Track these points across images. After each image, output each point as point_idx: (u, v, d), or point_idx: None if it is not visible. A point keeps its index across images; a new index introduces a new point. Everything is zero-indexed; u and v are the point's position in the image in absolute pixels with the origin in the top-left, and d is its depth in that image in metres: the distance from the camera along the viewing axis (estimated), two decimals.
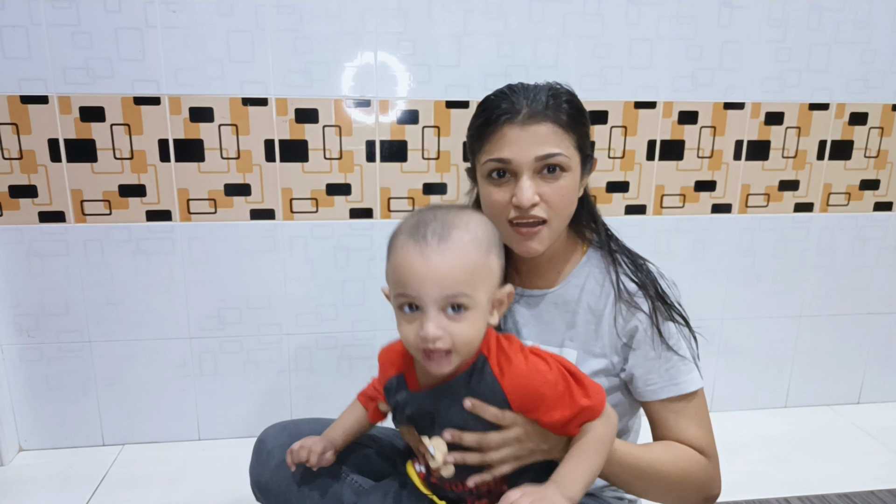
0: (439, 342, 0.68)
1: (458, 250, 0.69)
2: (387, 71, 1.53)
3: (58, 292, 1.56)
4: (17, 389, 1.60)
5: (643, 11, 1.56)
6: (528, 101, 0.83)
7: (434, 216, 0.71)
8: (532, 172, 0.83)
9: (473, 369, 0.74)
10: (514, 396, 0.73)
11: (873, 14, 1.64)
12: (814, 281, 1.82)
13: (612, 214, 1.69)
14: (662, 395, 0.87)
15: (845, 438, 1.75)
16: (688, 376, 0.88)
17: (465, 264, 0.69)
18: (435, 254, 0.68)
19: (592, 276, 0.92)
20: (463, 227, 0.71)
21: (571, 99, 0.86)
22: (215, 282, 1.60)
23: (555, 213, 0.85)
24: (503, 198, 0.85)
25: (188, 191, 1.54)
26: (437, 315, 0.68)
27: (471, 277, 0.69)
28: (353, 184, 1.59)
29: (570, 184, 0.85)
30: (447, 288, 0.68)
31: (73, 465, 1.58)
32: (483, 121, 0.86)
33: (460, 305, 0.69)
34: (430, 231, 0.69)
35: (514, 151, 0.83)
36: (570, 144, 0.84)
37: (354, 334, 1.69)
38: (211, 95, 1.49)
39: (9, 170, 1.47)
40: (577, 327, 0.91)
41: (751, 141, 1.69)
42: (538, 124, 0.82)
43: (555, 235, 0.87)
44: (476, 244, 0.71)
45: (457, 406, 0.74)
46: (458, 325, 0.69)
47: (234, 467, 1.53)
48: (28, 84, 1.43)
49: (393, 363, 0.83)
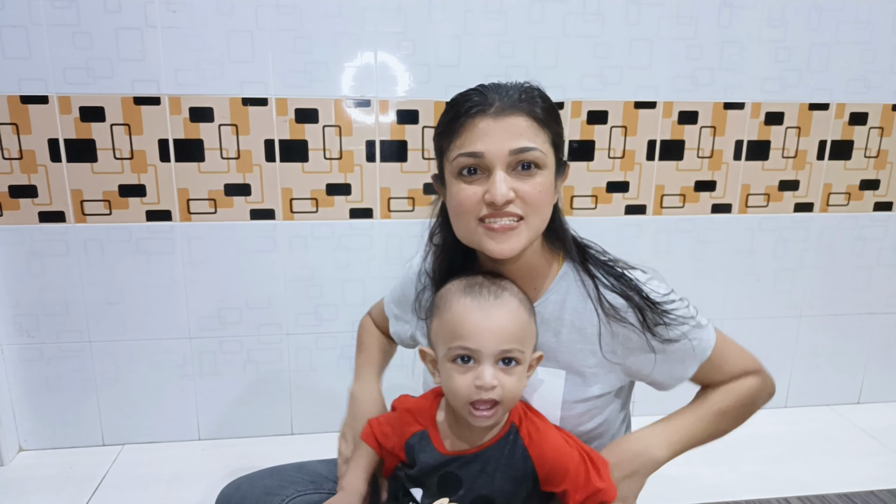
0: (494, 392, 0.73)
1: (513, 308, 0.76)
2: (387, 71, 1.53)
3: (58, 292, 1.56)
4: (17, 389, 1.60)
5: (643, 11, 1.56)
6: (500, 94, 0.77)
7: (482, 279, 0.79)
8: (506, 167, 0.76)
9: (507, 439, 0.77)
10: (542, 466, 0.76)
11: (873, 14, 1.64)
12: (814, 281, 1.82)
13: (612, 214, 1.69)
14: (689, 374, 0.87)
15: (845, 438, 1.75)
16: (699, 343, 0.85)
17: (520, 321, 0.76)
18: (494, 308, 0.75)
19: (572, 293, 0.85)
20: (511, 290, 0.79)
21: (545, 96, 0.80)
22: (215, 282, 1.60)
23: (532, 211, 0.77)
24: (475, 195, 0.76)
25: (188, 191, 1.54)
26: (492, 367, 0.74)
27: (522, 334, 0.76)
28: (353, 184, 1.59)
29: (547, 181, 0.78)
30: (504, 341, 0.73)
31: (73, 465, 1.58)
32: (452, 115, 0.79)
33: (512, 359, 0.74)
34: (485, 290, 0.77)
35: (486, 144, 0.75)
36: (546, 140, 0.77)
37: (354, 334, 1.69)
38: (211, 95, 1.49)
39: (9, 170, 1.47)
40: (562, 347, 0.85)
41: (751, 141, 1.69)
42: (512, 116, 0.75)
43: (533, 235, 0.79)
44: (524, 305, 0.78)
45: (485, 476, 0.76)
46: (508, 378, 0.74)
47: (234, 467, 1.54)
48: (28, 84, 1.43)
49: (416, 419, 0.82)
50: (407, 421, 0.83)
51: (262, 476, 0.91)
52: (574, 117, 1.61)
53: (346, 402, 1.01)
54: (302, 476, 0.91)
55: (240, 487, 0.90)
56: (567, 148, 1.62)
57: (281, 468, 0.93)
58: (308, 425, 1.74)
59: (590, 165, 1.65)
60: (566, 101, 1.59)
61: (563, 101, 1.59)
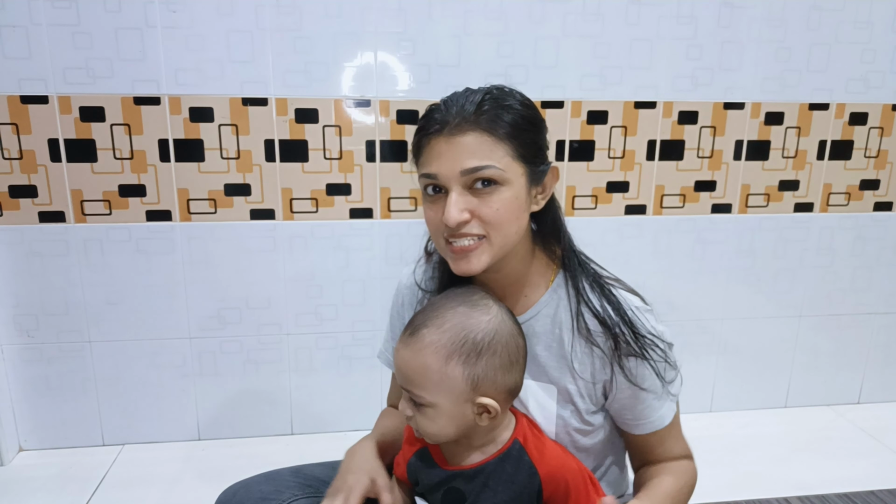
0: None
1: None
2: (387, 71, 1.53)
3: (58, 292, 1.56)
4: (17, 389, 1.60)
5: (643, 11, 1.56)
6: (458, 108, 0.74)
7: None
8: (462, 187, 0.74)
9: (508, 454, 0.75)
10: (549, 483, 0.74)
11: (873, 14, 1.64)
12: (814, 281, 1.82)
13: (612, 214, 1.69)
14: (636, 431, 0.84)
15: (845, 438, 1.75)
16: (660, 412, 0.83)
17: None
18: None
19: (563, 306, 0.82)
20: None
21: (513, 104, 0.76)
22: (215, 282, 1.60)
23: (493, 229, 0.75)
24: (437, 215, 0.76)
25: (188, 191, 1.54)
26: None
27: None
28: (353, 184, 1.59)
29: (510, 197, 0.75)
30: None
31: (73, 465, 1.58)
32: (416, 131, 0.79)
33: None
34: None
35: (440, 165, 0.74)
36: (507, 154, 0.74)
37: (354, 334, 1.69)
38: (211, 95, 1.49)
39: (9, 170, 1.47)
40: (552, 362, 0.83)
41: (751, 141, 1.69)
42: (464, 134, 0.73)
43: (498, 253, 0.77)
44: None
45: (488, 491, 0.74)
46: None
47: (234, 467, 1.53)
48: (28, 84, 1.43)
49: (418, 438, 0.80)
50: (410, 440, 0.82)
51: (258, 481, 0.90)
52: (574, 117, 1.61)
53: (345, 403, 1.00)
54: (299, 480, 0.90)
55: (236, 493, 0.89)
56: (568, 148, 1.63)
57: (277, 473, 0.92)
58: (308, 425, 1.74)
59: (590, 165, 1.65)
60: (566, 101, 1.59)
61: (563, 101, 1.59)
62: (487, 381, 0.72)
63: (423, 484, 0.79)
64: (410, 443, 0.82)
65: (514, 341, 0.75)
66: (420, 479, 0.80)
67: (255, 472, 0.93)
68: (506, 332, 0.74)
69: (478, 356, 0.71)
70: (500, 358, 0.73)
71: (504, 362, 0.73)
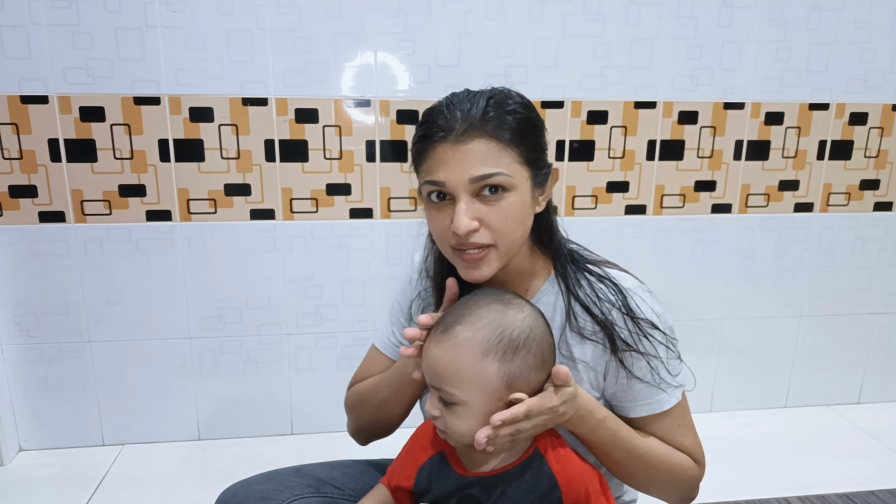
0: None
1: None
2: (387, 71, 1.53)
3: (58, 292, 1.56)
4: (17, 389, 1.60)
5: (643, 11, 1.56)
6: (463, 113, 0.74)
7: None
8: (470, 195, 0.74)
9: (529, 463, 0.74)
10: (568, 493, 0.74)
11: (873, 14, 1.64)
12: (814, 281, 1.82)
13: (612, 214, 1.69)
14: (634, 413, 0.84)
15: (845, 438, 1.75)
16: (658, 396, 0.83)
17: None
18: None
19: (563, 296, 0.84)
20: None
21: (516, 108, 0.76)
22: (215, 282, 1.60)
23: (501, 237, 0.76)
24: (443, 223, 0.77)
25: (188, 191, 1.54)
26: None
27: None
28: (353, 184, 1.59)
29: (517, 203, 0.76)
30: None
31: (73, 465, 1.58)
32: (419, 136, 0.78)
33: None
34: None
35: (447, 172, 0.74)
36: (513, 160, 0.75)
37: (354, 334, 1.69)
38: (211, 95, 1.49)
39: (9, 170, 1.47)
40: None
41: (751, 141, 1.69)
42: (472, 141, 0.73)
43: (505, 258, 0.79)
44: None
45: (506, 499, 0.73)
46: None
47: (234, 467, 1.53)
48: (28, 84, 1.43)
49: (432, 443, 0.79)
50: (423, 445, 0.81)
51: (258, 481, 0.90)
52: (574, 117, 1.61)
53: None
54: (299, 480, 0.90)
55: (236, 493, 0.89)
56: (568, 148, 1.63)
57: (278, 472, 0.92)
58: (308, 425, 1.74)
59: (590, 165, 1.65)
60: (566, 101, 1.59)
61: (563, 101, 1.59)
62: (522, 378, 0.71)
63: (436, 491, 0.78)
64: (424, 447, 0.81)
65: (546, 339, 0.74)
66: (433, 485, 0.78)
67: (255, 472, 0.93)
68: (539, 330, 0.74)
69: (514, 353, 0.71)
70: (535, 356, 0.72)
71: (538, 360, 0.73)
